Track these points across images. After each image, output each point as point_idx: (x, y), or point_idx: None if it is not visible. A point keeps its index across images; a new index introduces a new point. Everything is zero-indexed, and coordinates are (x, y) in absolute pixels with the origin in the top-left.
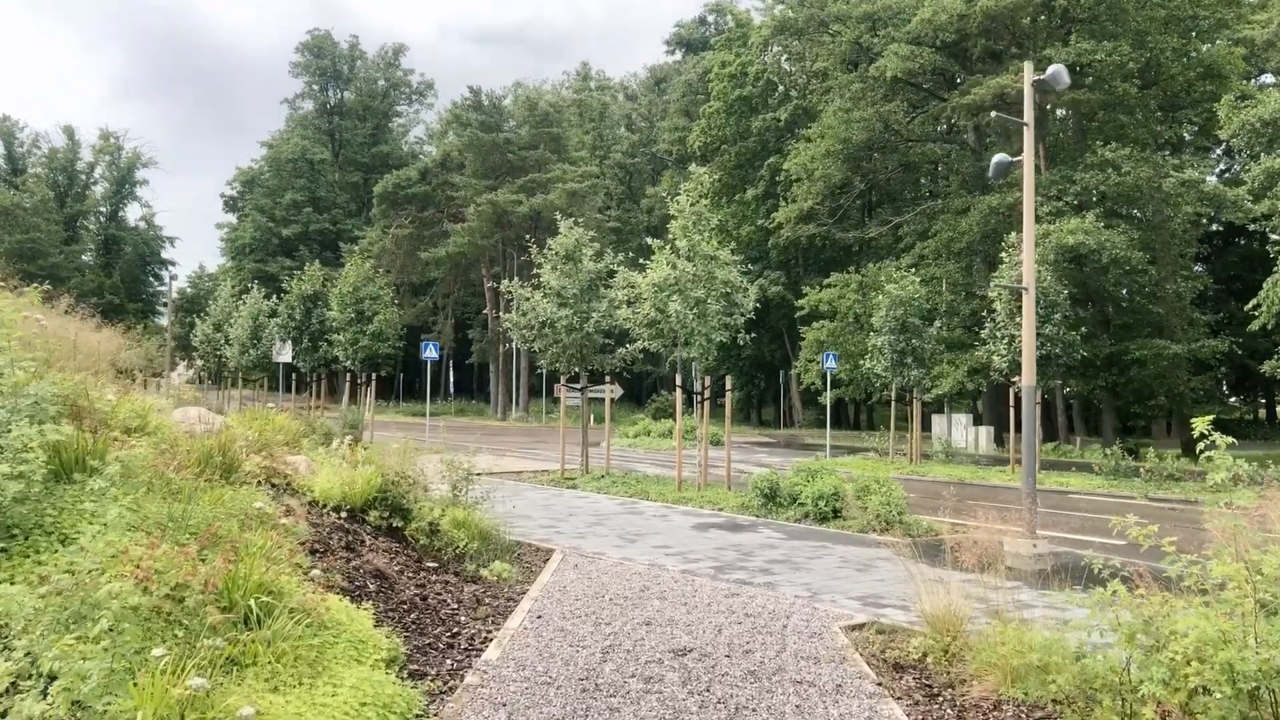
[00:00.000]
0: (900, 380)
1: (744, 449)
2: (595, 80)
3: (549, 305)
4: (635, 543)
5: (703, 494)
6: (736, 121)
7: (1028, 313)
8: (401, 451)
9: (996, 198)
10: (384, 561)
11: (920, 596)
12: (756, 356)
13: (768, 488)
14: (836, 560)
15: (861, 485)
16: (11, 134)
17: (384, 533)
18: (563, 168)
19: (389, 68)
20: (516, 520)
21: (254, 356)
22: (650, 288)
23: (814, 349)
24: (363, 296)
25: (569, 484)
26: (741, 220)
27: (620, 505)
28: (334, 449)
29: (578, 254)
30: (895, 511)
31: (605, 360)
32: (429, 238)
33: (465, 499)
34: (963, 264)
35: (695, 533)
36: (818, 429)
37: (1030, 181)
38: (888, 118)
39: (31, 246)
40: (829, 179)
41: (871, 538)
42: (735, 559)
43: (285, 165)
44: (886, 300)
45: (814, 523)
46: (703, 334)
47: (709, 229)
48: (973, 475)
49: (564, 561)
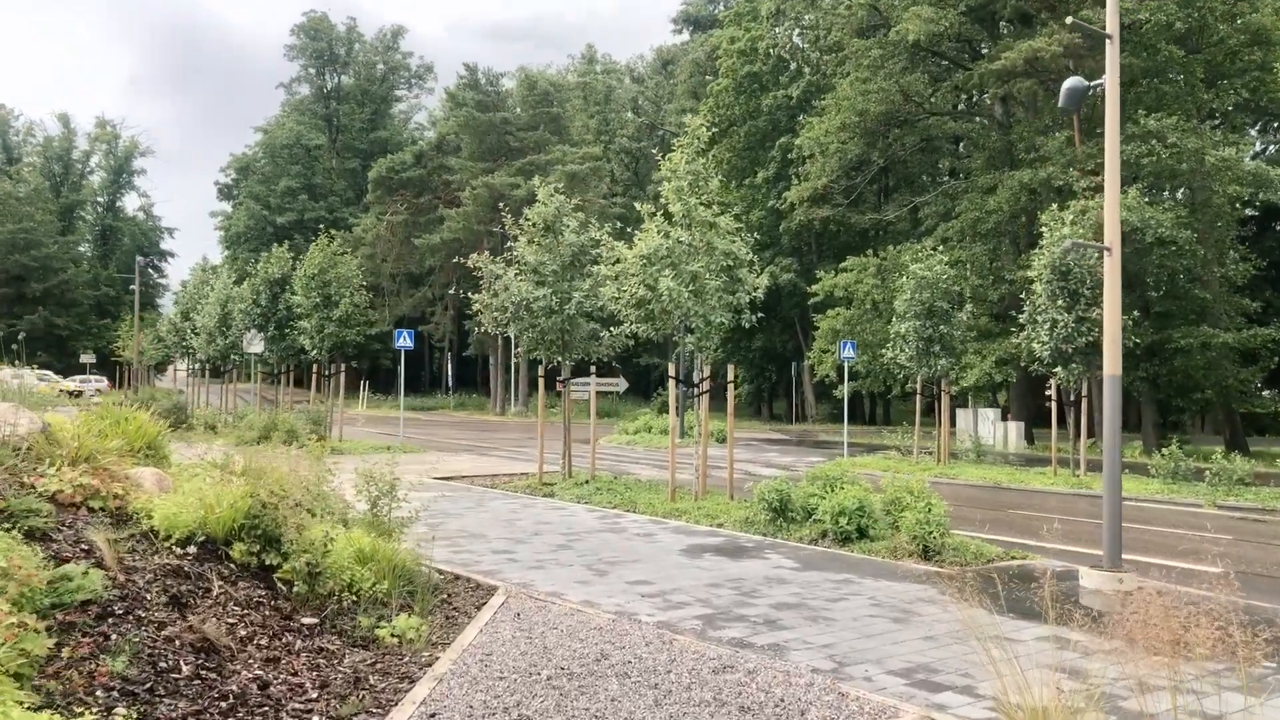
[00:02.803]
0: (926, 371)
1: (753, 447)
2: (601, 64)
3: (524, 285)
4: (606, 575)
5: (700, 504)
6: (746, 100)
7: (1111, 282)
8: (312, 455)
9: (1028, 173)
10: (227, 623)
11: (991, 671)
12: (767, 347)
13: (777, 500)
14: (866, 603)
15: (892, 497)
16: (6, 122)
17: (251, 574)
18: (563, 149)
19: (388, 51)
20: (465, 543)
21: (221, 346)
22: (638, 261)
23: (829, 338)
24: (329, 280)
25: (546, 491)
26: (752, 204)
27: (599, 519)
28: (212, 457)
29: (558, 225)
30: (937, 532)
31: (591, 347)
32: (424, 224)
33: (389, 520)
34: (990, 246)
35: (685, 559)
36: (832, 424)
37: (1114, 108)
38: (908, 89)
39: (25, 237)
40: (844, 155)
41: (907, 566)
42: (732, 602)
43: (280, 151)
44: (911, 282)
45: (834, 544)
46: (700, 315)
47: (708, 192)
48: (1009, 478)
49: (504, 608)
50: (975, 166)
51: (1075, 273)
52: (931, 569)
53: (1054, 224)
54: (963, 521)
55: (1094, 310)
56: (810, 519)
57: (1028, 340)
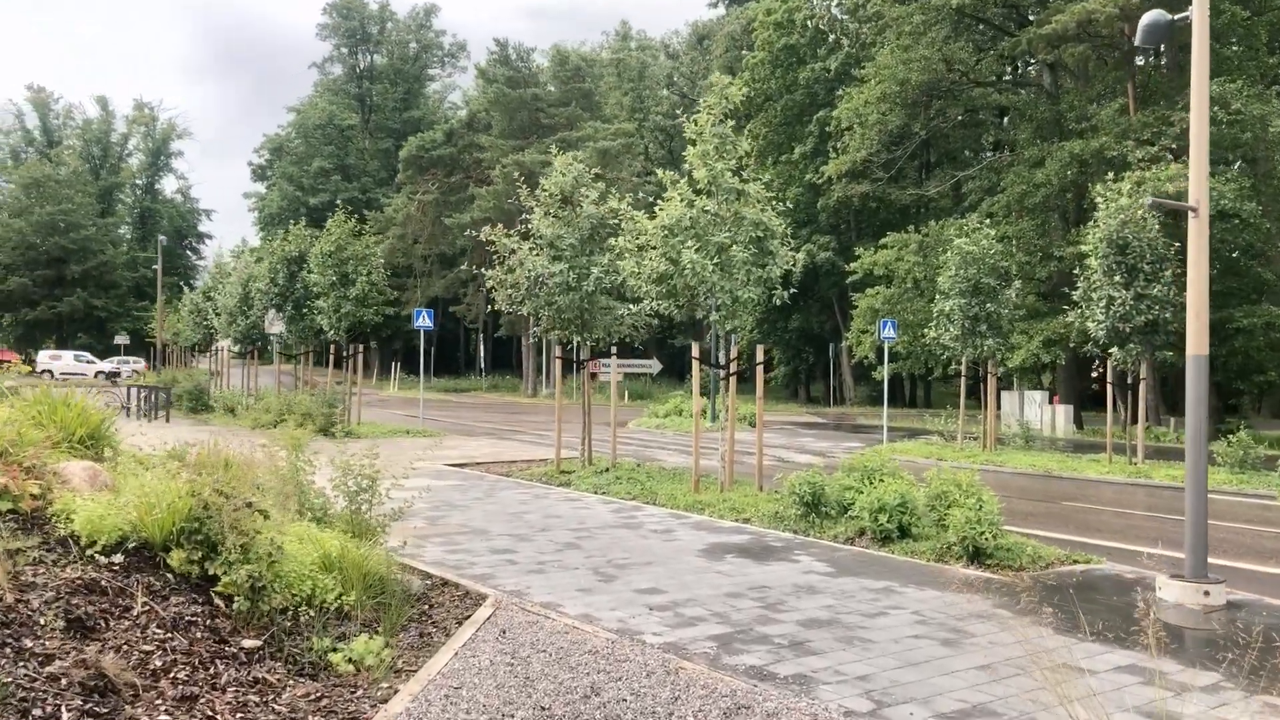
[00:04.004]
0: (972, 351)
1: (788, 431)
2: (636, 40)
3: (540, 260)
4: (613, 581)
5: (725, 496)
6: (783, 74)
7: (1197, 248)
8: (291, 444)
9: (1079, 144)
10: (141, 652)
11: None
12: (804, 328)
13: (809, 494)
14: (909, 619)
15: (937, 491)
16: (46, 105)
17: (191, 586)
18: (595, 125)
19: (420, 29)
20: (464, 540)
21: (242, 327)
22: (659, 233)
23: (867, 318)
24: (347, 257)
25: (562, 480)
26: (788, 181)
27: (614, 513)
28: (172, 445)
29: (576, 196)
30: (989, 533)
31: (612, 326)
32: (455, 203)
33: (370, 517)
34: (1037, 221)
35: (704, 562)
36: (871, 407)
37: (1203, 42)
38: (951, 57)
39: (65, 219)
40: (885, 126)
41: (955, 572)
42: (754, 617)
43: (313, 132)
44: (956, 258)
45: (872, 544)
46: (726, 291)
47: (736, 156)
48: (1060, 465)
49: (489, 624)
50: (1022, 138)
51: (1134, 246)
52: (984, 575)
53: (1110, 195)
54: (1012, 515)
55: (1154, 286)
56: (846, 515)
57: (1081, 319)
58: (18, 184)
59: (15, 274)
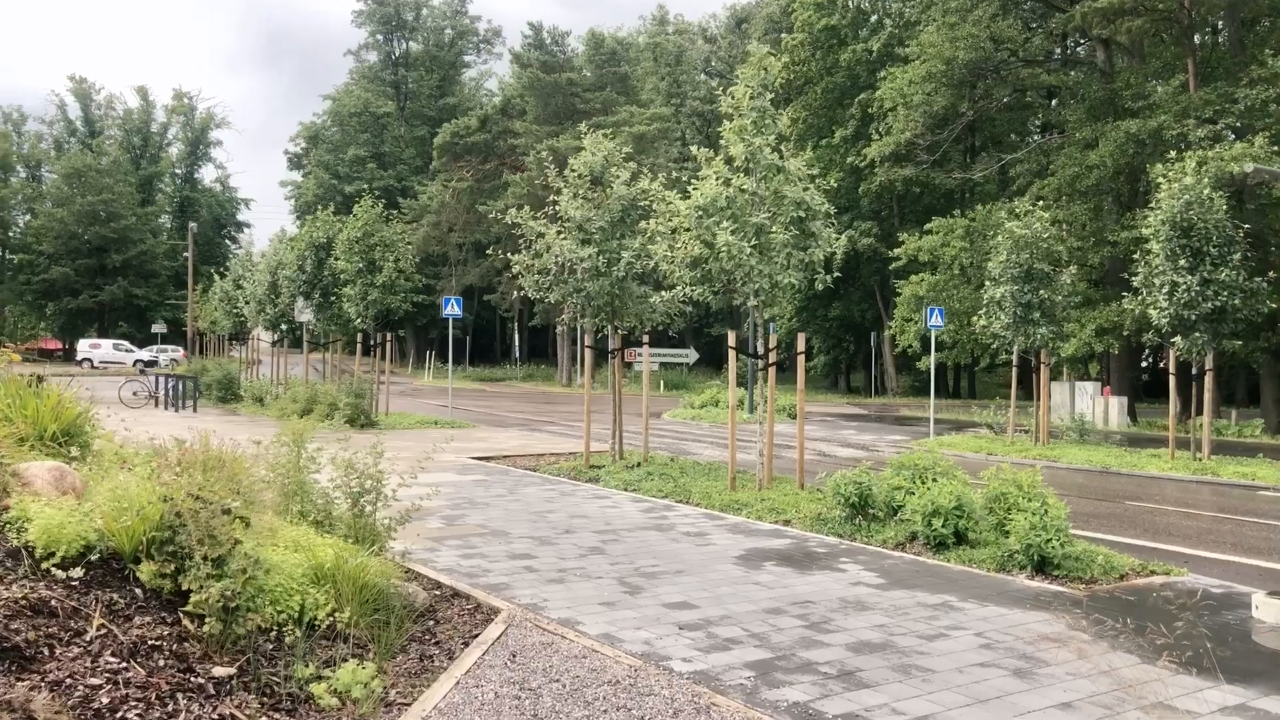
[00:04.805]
0: (1023, 340)
1: (828, 423)
2: (673, 25)
3: (568, 243)
4: (640, 593)
5: (763, 495)
6: (823, 56)
7: None
8: (293, 440)
9: (1135, 123)
10: (87, 685)
11: None
12: (845, 316)
13: (856, 495)
14: (973, 643)
15: (995, 493)
16: (88, 96)
17: (162, 603)
18: (630, 110)
19: (456, 15)
20: (481, 543)
21: (271, 315)
22: (693, 213)
23: (911, 305)
24: (374, 243)
25: (591, 475)
26: (829, 165)
27: (645, 513)
28: (162, 440)
29: (606, 176)
30: (1056, 541)
31: (644, 313)
32: (488, 190)
33: (375, 521)
34: (1089, 205)
35: (740, 570)
36: (913, 398)
37: None
38: (999, 35)
39: (106, 209)
40: (929, 107)
41: (1020, 584)
42: (797, 639)
43: (349, 120)
44: (1007, 242)
45: (924, 550)
46: (765, 275)
47: (775, 132)
48: (1119, 461)
49: (498, 645)
50: (1074, 119)
51: (1199, 228)
52: (1051, 588)
53: (1174, 174)
54: (1073, 516)
55: (1221, 271)
56: (895, 517)
57: (1141, 306)
58: (60, 174)
59: (58, 263)
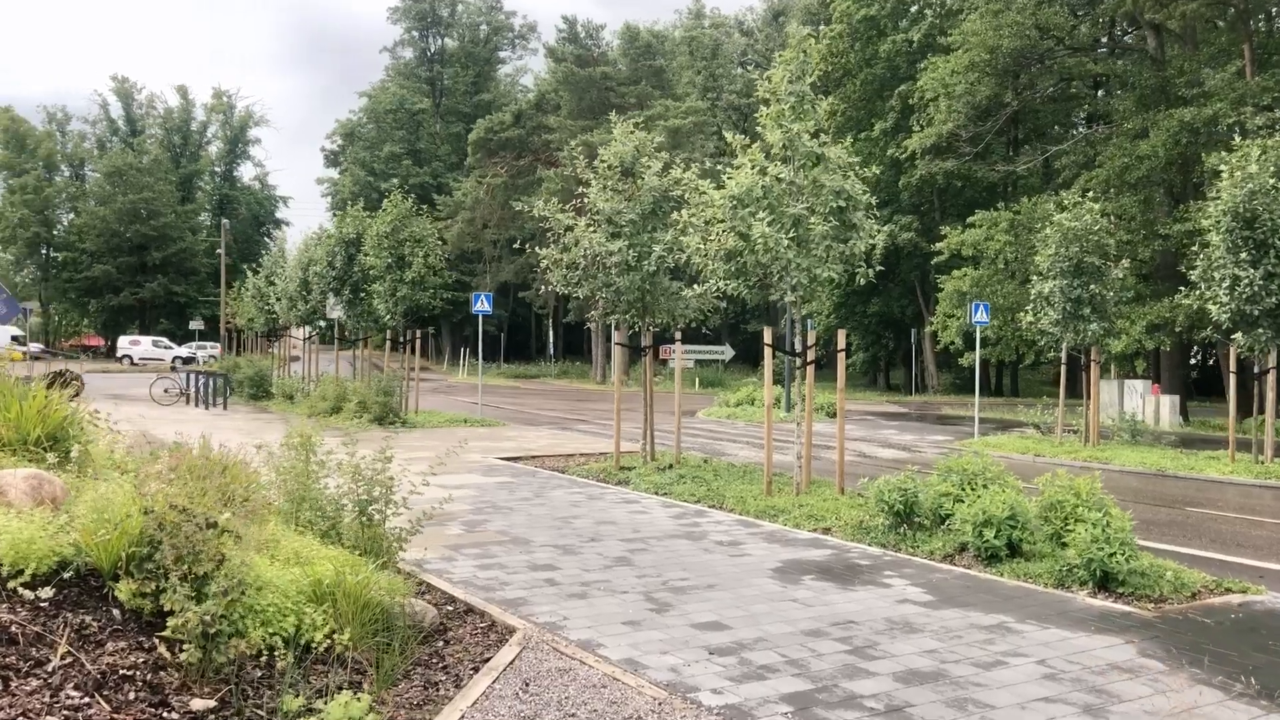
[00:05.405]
0: (1073, 337)
1: (868, 422)
2: (709, 18)
3: (597, 237)
4: (667, 611)
5: (801, 500)
6: (862, 47)
7: None
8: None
9: (1190, 111)
10: None
11: None
12: (884, 312)
13: (901, 502)
14: (1035, 673)
15: (1051, 500)
16: (129, 95)
17: (141, 626)
18: (665, 103)
19: (491, 10)
20: (501, 552)
21: (303, 311)
22: (728, 204)
23: (954, 301)
24: (403, 239)
25: (621, 477)
26: (868, 158)
27: (675, 519)
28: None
29: (637, 167)
30: (1121, 554)
31: (677, 309)
32: (523, 186)
33: (383, 531)
34: (1140, 197)
35: (777, 585)
36: (955, 396)
37: None
38: (1045, 22)
39: (147, 207)
40: (972, 98)
41: (1082, 602)
42: (839, 666)
43: (384, 117)
44: (1056, 234)
45: (975, 563)
46: (803, 269)
47: (814, 118)
48: (1175, 464)
49: (511, 672)
50: (1123, 108)
51: (1264, 219)
52: (1117, 608)
53: (1237, 162)
54: (1140, 529)
55: None
56: (943, 526)
57: (1200, 301)
58: (102, 173)
59: (100, 261)
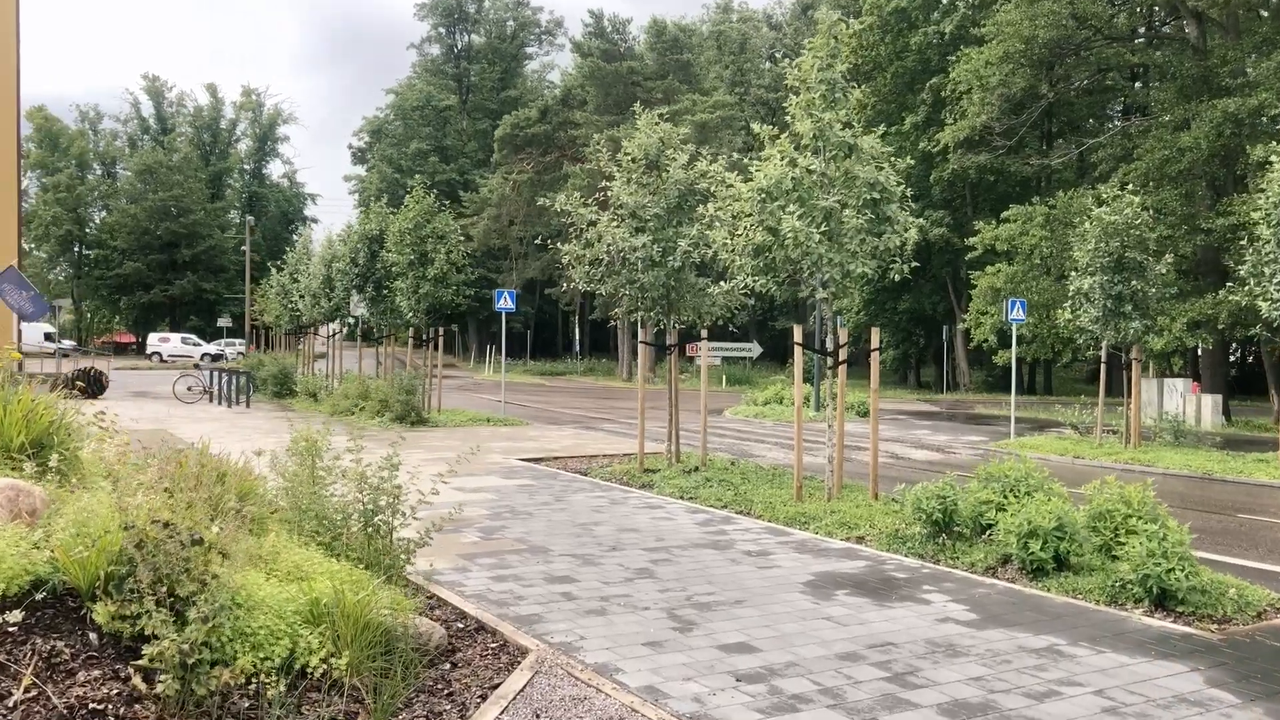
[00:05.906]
0: (1114, 335)
1: (900, 421)
2: (737, 12)
3: (621, 232)
4: (691, 631)
5: (833, 508)
6: (893, 39)
7: None
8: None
9: (1234, 102)
10: None
11: None
12: (915, 309)
13: (939, 511)
14: (1093, 705)
15: (1099, 509)
16: (160, 94)
17: (120, 651)
18: (693, 98)
19: (518, 6)
20: (517, 562)
21: (327, 309)
22: (756, 196)
23: (987, 297)
24: (425, 235)
25: (645, 480)
26: (899, 152)
27: (701, 526)
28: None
29: (662, 160)
30: (1179, 570)
31: (703, 307)
32: (549, 182)
33: (390, 543)
34: (1180, 191)
35: (809, 601)
36: (987, 394)
37: None
38: (1082, 12)
39: (176, 204)
40: (1007, 89)
41: (1137, 621)
42: (878, 696)
43: (411, 114)
44: (1095, 229)
45: (1020, 576)
46: (835, 264)
47: (845, 107)
48: (1221, 467)
49: (521, 700)
50: (1163, 99)
51: None
52: (1177, 629)
53: None
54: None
55: None
56: (984, 536)
57: (1248, 297)
58: (134, 171)
59: (131, 258)
